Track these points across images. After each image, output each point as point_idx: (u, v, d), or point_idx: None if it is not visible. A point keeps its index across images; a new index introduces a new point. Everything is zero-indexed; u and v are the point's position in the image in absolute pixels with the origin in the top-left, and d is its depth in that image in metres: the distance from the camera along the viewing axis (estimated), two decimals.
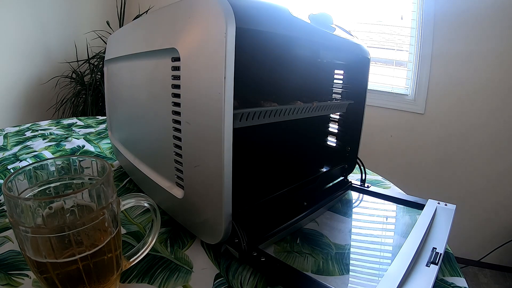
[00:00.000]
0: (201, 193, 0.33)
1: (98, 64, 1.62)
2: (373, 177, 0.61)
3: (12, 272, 0.30)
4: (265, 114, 0.37)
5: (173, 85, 0.33)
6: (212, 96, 0.28)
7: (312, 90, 0.54)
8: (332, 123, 0.58)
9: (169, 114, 0.35)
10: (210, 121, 0.29)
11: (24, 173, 0.26)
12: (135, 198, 0.29)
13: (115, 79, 0.53)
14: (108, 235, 0.25)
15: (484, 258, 1.44)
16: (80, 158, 0.29)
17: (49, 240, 0.22)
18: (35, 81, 1.50)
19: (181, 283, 0.31)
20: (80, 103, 1.58)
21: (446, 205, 0.44)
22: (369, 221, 0.45)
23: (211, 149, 0.30)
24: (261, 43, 0.38)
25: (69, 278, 0.23)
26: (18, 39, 1.39)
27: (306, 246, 0.38)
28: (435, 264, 0.31)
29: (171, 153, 0.36)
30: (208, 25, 0.28)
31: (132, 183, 0.53)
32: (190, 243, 0.37)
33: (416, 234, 0.35)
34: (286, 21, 0.34)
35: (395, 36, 1.48)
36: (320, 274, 0.33)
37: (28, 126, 0.87)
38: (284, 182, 0.44)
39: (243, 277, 0.32)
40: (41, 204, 0.22)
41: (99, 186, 0.24)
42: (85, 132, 0.84)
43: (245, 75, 0.35)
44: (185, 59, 0.31)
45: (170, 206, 0.40)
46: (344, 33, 0.47)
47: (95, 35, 1.68)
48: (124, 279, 0.31)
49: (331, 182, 0.53)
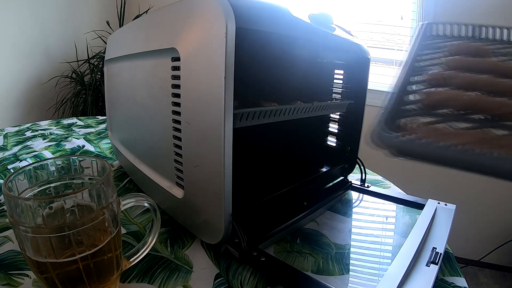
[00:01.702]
0: (201, 193, 0.33)
1: (98, 64, 1.62)
2: (373, 177, 0.61)
3: (12, 272, 0.30)
4: (265, 114, 0.37)
5: (173, 85, 0.33)
6: (212, 96, 0.28)
7: (312, 90, 0.54)
8: (332, 123, 0.58)
9: (169, 114, 0.35)
10: (210, 121, 0.29)
11: (24, 173, 0.26)
12: (135, 198, 0.29)
13: (115, 79, 0.53)
14: (108, 235, 0.25)
15: (484, 258, 1.44)
16: (80, 158, 0.29)
17: (49, 240, 0.22)
18: (35, 81, 1.50)
19: (181, 283, 0.31)
20: (80, 103, 1.58)
21: (446, 205, 0.44)
22: (369, 221, 0.45)
23: (211, 149, 0.30)
24: (261, 43, 0.38)
25: (69, 278, 0.24)
26: (18, 39, 1.39)
27: (306, 246, 0.38)
28: (435, 264, 0.31)
29: (171, 153, 0.36)
30: (208, 25, 0.28)
31: (132, 183, 0.53)
32: (190, 243, 0.37)
33: (416, 234, 0.35)
34: (286, 21, 0.34)
35: (395, 36, 1.48)
36: (320, 274, 0.33)
37: (28, 126, 0.87)
38: (284, 182, 0.44)
39: (243, 277, 0.32)
40: (41, 204, 0.22)
41: (99, 186, 0.24)
42: (85, 132, 0.84)
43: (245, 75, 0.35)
44: (185, 59, 0.31)
45: (170, 206, 0.40)
46: (344, 33, 0.47)
47: (95, 35, 1.68)
48: (124, 279, 0.31)
49: (331, 182, 0.53)
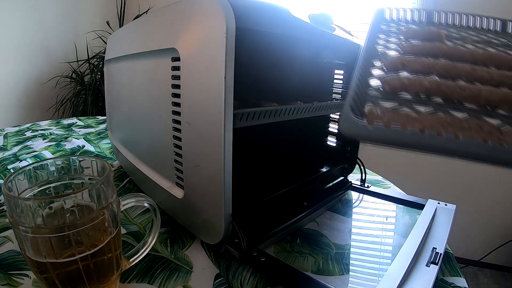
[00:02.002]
0: (201, 193, 0.33)
1: (98, 64, 1.62)
2: (373, 177, 0.61)
3: (12, 272, 0.30)
4: (265, 114, 0.37)
5: (173, 85, 0.33)
6: (212, 96, 0.28)
7: (312, 90, 0.54)
8: (332, 123, 0.58)
9: (169, 114, 0.35)
10: (210, 121, 0.29)
11: (24, 173, 0.26)
12: (135, 198, 0.29)
13: (115, 79, 0.53)
14: (108, 235, 0.25)
15: (484, 258, 1.44)
16: (80, 158, 0.29)
17: (49, 240, 0.22)
18: (35, 81, 1.50)
19: (181, 283, 0.31)
20: (80, 103, 1.58)
21: (446, 205, 0.44)
22: (369, 221, 0.45)
23: (211, 149, 0.30)
24: (261, 43, 0.38)
25: (69, 278, 0.24)
26: (18, 39, 1.39)
27: (306, 246, 0.38)
28: (435, 264, 0.31)
29: (171, 153, 0.36)
30: (208, 25, 0.28)
31: (132, 183, 0.53)
32: (190, 243, 0.37)
33: (416, 234, 0.35)
34: (286, 21, 0.34)
35: None
36: (320, 274, 0.33)
37: (28, 126, 0.87)
38: (284, 182, 0.44)
39: (243, 277, 0.32)
40: (41, 204, 0.22)
41: (99, 186, 0.24)
42: (85, 132, 0.84)
43: (245, 75, 0.35)
44: (185, 59, 0.31)
45: (170, 206, 0.40)
46: (344, 33, 0.47)
47: (95, 35, 1.68)
48: (124, 279, 0.31)
49: (331, 182, 0.53)
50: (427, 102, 0.16)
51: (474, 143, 0.13)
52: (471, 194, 1.45)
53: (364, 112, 0.15)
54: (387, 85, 0.17)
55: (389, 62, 0.20)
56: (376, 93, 0.17)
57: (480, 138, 0.13)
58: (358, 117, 0.14)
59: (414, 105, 0.16)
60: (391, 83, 0.17)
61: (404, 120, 0.14)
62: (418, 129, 0.13)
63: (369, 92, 0.17)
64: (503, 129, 0.14)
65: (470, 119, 0.14)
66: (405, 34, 0.26)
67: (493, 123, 0.14)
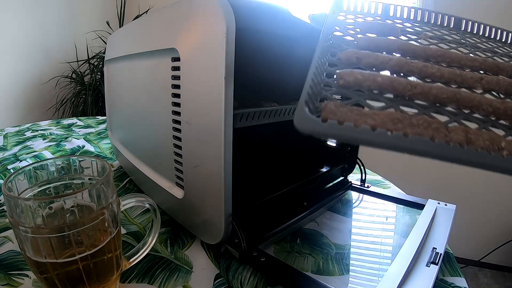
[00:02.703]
0: (201, 193, 0.33)
1: (98, 64, 1.62)
2: (373, 177, 0.61)
3: (12, 272, 0.30)
4: (265, 114, 0.37)
5: (173, 85, 0.33)
6: (212, 96, 0.28)
7: None
8: None
9: (169, 114, 0.35)
10: (210, 121, 0.29)
11: (24, 173, 0.26)
12: (135, 198, 0.29)
13: (115, 79, 0.53)
14: (108, 235, 0.25)
15: (484, 258, 1.44)
16: (80, 158, 0.29)
17: (49, 240, 0.22)
18: (35, 81, 1.50)
19: (181, 283, 0.31)
20: (80, 103, 1.58)
21: (446, 205, 0.44)
22: (369, 221, 0.45)
23: (211, 149, 0.30)
24: (261, 43, 0.38)
25: (69, 278, 0.24)
26: (18, 39, 1.39)
27: (306, 246, 0.38)
28: (435, 264, 0.31)
29: (171, 153, 0.36)
30: (208, 25, 0.28)
31: (132, 183, 0.53)
32: (190, 243, 0.37)
33: (416, 234, 0.35)
34: (286, 21, 0.34)
35: None
36: (320, 274, 0.33)
37: (28, 126, 0.87)
38: (284, 182, 0.44)
39: (243, 277, 0.32)
40: (41, 204, 0.22)
41: (99, 186, 0.24)
42: (85, 132, 0.84)
43: (245, 75, 0.35)
44: (185, 59, 0.31)
45: (170, 206, 0.40)
46: None
47: (95, 35, 1.68)
48: (124, 279, 0.31)
49: (331, 182, 0.53)
50: (379, 98, 0.16)
51: (422, 140, 0.13)
52: (471, 194, 1.45)
53: (319, 108, 0.15)
54: (341, 80, 0.17)
55: (344, 55, 0.19)
56: (331, 88, 0.17)
57: (427, 135, 0.13)
58: (313, 113, 0.14)
59: (367, 101, 0.16)
60: (346, 78, 0.17)
61: (356, 116, 0.14)
62: (370, 126, 0.13)
63: (324, 87, 0.17)
64: (450, 126, 0.14)
65: (420, 115, 0.14)
66: (361, 27, 0.25)
67: (440, 120, 0.14)
